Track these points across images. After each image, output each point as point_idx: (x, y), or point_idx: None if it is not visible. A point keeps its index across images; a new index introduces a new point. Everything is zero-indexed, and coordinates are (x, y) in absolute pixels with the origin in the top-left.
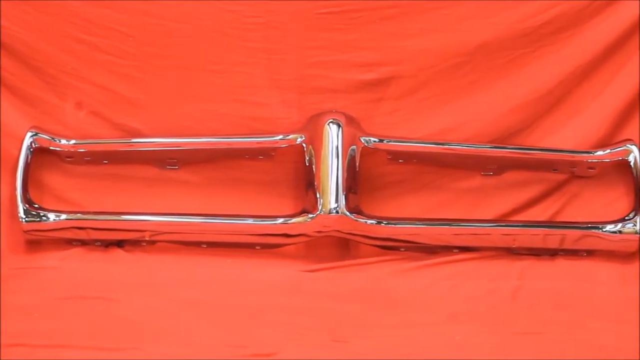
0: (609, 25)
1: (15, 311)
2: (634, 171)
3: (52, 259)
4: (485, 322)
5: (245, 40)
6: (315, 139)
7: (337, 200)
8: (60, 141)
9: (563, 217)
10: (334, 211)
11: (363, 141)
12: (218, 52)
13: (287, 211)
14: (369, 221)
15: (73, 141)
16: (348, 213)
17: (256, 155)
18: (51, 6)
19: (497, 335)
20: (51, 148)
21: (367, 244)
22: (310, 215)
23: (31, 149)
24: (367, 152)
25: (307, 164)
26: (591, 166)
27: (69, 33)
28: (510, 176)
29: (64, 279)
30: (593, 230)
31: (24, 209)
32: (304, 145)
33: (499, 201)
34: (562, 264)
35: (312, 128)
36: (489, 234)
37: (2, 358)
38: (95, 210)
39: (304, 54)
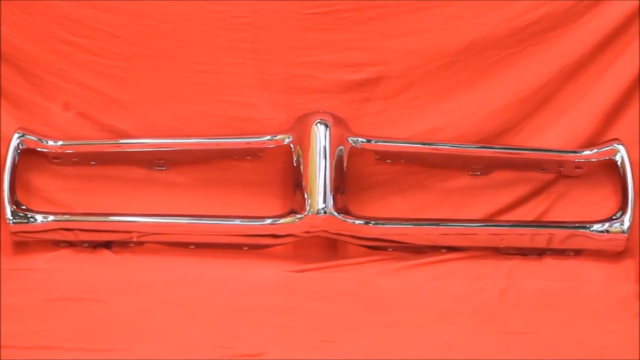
0: (595, 25)
1: (3, 313)
2: (621, 171)
3: (40, 261)
4: (473, 321)
5: (232, 41)
6: (303, 140)
7: (324, 201)
8: (47, 142)
9: (550, 217)
10: (322, 211)
11: (351, 141)
12: (205, 52)
13: (275, 212)
14: (357, 221)
15: (60, 142)
16: (336, 213)
17: (244, 155)
18: (38, 7)
19: (486, 335)
20: (38, 149)
21: (355, 244)
22: (298, 216)
23: (18, 150)
24: (354, 152)
25: (295, 165)
26: (578, 166)
27: (55, 34)
28: (497, 176)
29: (51, 280)
30: (580, 230)
31: (11, 211)
32: (292, 145)
33: (486, 201)
34: (549, 264)
35: (300, 128)
36: (477, 234)
37: None
38: (82, 211)
39: (291, 54)
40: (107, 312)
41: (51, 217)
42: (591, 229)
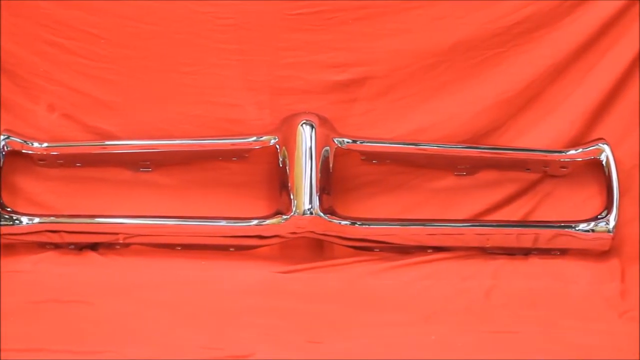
0: (580, 25)
1: None
2: (606, 170)
3: (26, 263)
4: (460, 321)
5: (217, 42)
6: (289, 140)
7: (310, 201)
8: (32, 144)
9: (536, 217)
10: (308, 212)
11: (336, 142)
12: (190, 53)
13: (261, 213)
14: (343, 222)
15: (45, 144)
16: (322, 214)
17: (230, 157)
18: (22, 8)
19: (472, 335)
20: (24, 151)
21: (342, 245)
22: (284, 217)
23: (3, 152)
24: (340, 152)
25: (281, 166)
26: (564, 165)
27: (40, 36)
28: (483, 176)
29: (37, 282)
30: (566, 229)
31: None
32: (278, 146)
33: (472, 201)
34: (535, 263)
35: (286, 129)
36: (463, 234)
37: None
38: (68, 213)
39: (276, 55)
40: (94, 314)
41: (37, 219)
42: (577, 229)
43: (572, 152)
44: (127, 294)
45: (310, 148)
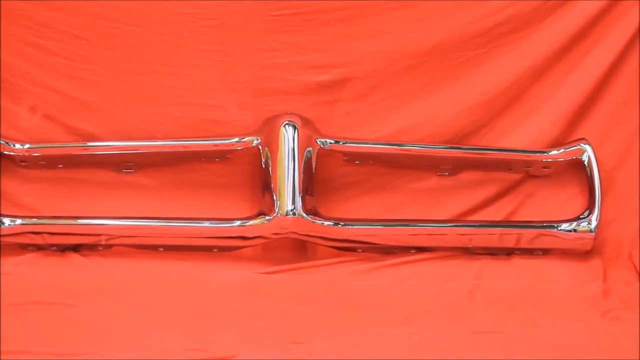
0: (561, 26)
1: None
2: (588, 170)
3: (7, 265)
4: (442, 321)
5: (199, 43)
6: (271, 141)
7: (293, 202)
8: (14, 145)
9: (518, 217)
10: (291, 213)
11: (319, 143)
12: (172, 54)
13: (244, 214)
14: (326, 223)
15: (27, 145)
16: (305, 215)
17: (212, 158)
18: (3, 10)
19: (455, 335)
20: (5, 152)
21: (324, 246)
22: (267, 218)
23: None
24: (323, 153)
25: (264, 166)
26: (546, 165)
27: (22, 37)
28: (465, 176)
29: (19, 284)
30: (548, 229)
31: None
32: (260, 147)
33: (454, 201)
34: (518, 263)
35: (268, 130)
36: (445, 234)
37: None
38: (50, 214)
39: (258, 55)
40: (76, 316)
41: (19, 221)
42: (559, 229)
43: (554, 152)
44: (110, 295)
45: (293, 149)
